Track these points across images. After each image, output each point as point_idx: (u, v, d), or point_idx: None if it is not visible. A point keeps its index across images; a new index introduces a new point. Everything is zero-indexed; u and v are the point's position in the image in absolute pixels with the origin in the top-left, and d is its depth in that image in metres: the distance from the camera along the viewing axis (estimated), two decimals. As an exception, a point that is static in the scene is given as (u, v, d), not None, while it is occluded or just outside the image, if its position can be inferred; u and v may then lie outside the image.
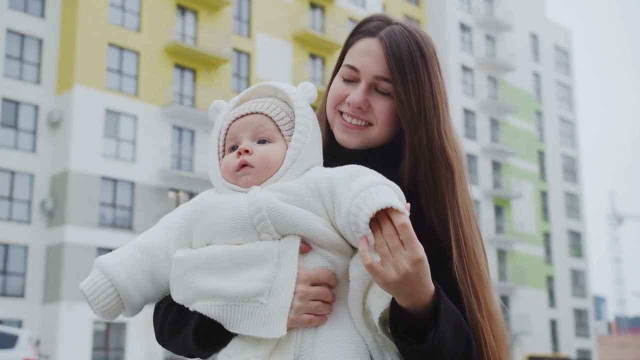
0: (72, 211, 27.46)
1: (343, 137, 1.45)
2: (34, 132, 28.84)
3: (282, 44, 36.85)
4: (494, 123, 48.64)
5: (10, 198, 27.83)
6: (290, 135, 1.35)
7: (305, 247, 1.26)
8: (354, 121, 1.44)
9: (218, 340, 1.26)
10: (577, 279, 53.45)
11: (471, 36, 48.46)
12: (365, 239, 1.16)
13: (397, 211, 1.14)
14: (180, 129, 31.78)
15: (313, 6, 38.94)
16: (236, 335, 1.24)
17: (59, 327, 25.93)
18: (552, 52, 55.42)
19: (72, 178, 27.70)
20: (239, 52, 35.20)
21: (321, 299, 1.25)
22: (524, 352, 44.65)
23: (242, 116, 1.36)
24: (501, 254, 46.48)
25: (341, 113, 1.46)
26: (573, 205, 54.61)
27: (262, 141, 1.34)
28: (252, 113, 1.36)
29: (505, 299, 45.92)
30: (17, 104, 28.59)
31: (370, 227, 1.15)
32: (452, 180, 1.41)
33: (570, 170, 55.33)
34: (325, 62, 38.85)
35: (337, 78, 1.48)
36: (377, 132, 1.44)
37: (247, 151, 1.31)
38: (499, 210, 47.10)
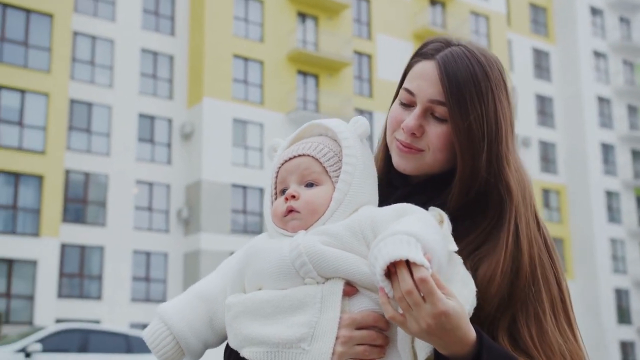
0: (206, 219, 28.64)
1: (399, 161, 1.41)
2: (169, 145, 30.34)
3: (403, 43, 36.60)
4: (632, 110, 45.93)
5: (150, 208, 29.43)
6: (338, 176, 1.32)
7: (351, 289, 1.23)
8: (407, 145, 1.40)
9: None
10: None
11: (603, 20, 46.05)
12: (384, 290, 1.13)
13: (415, 264, 1.09)
14: (305, 134, 32.30)
15: (433, 2, 38.44)
16: None
17: (198, 330, 27.05)
18: (695, 30, 51.66)
19: (204, 187, 28.88)
20: (359, 54, 35.32)
21: (367, 343, 1.21)
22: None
23: (290, 159, 1.35)
24: (646, 248, 43.78)
25: (397, 139, 1.41)
26: None
27: (310, 184, 1.33)
28: (299, 155, 1.35)
29: (653, 296, 43.21)
30: (152, 118, 30.20)
31: (391, 277, 1.11)
32: (511, 208, 1.35)
33: None
34: (448, 58, 38.16)
35: (396, 102, 1.43)
36: (431, 158, 1.38)
37: (293, 196, 1.31)
38: (641, 201, 44.42)
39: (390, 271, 1.10)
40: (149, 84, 30.49)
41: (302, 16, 33.54)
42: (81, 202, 28.15)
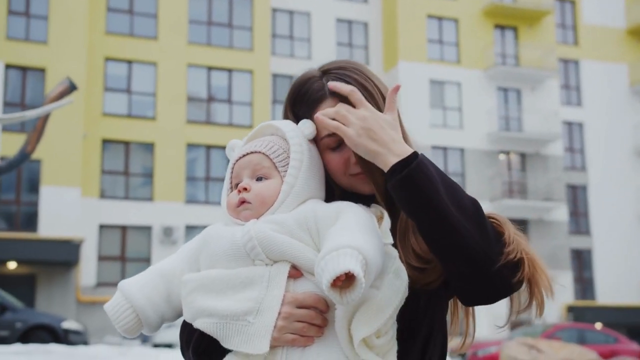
0: (408, 182, 28.76)
1: (368, 187, 1.51)
2: (368, 111, 30.82)
3: (610, -17, 33.87)
4: None
5: (353, 174, 30.19)
6: (286, 171, 1.47)
7: (296, 272, 1.37)
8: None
9: (217, 355, 1.40)
10: None
11: None
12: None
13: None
14: (505, 90, 31.22)
15: None
16: (230, 351, 1.37)
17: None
18: None
19: (405, 150, 29.02)
20: (561, 0, 33.23)
21: (307, 321, 1.34)
22: None
23: (243, 155, 1.51)
24: None
25: (355, 174, 1.52)
26: None
27: (260, 178, 1.47)
28: (251, 152, 1.50)
29: None
30: (350, 86, 30.80)
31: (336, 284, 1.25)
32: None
33: None
34: (664, -6, 34.71)
35: (325, 153, 1.53)
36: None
37: (245, 189, 1.45)
38: None
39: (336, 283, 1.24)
40: (345, 53, 31.07)
41: (497, -33, 32.21)
42: (288, 172, 29.56)
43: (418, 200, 1.34)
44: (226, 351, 1.38)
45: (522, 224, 1.48)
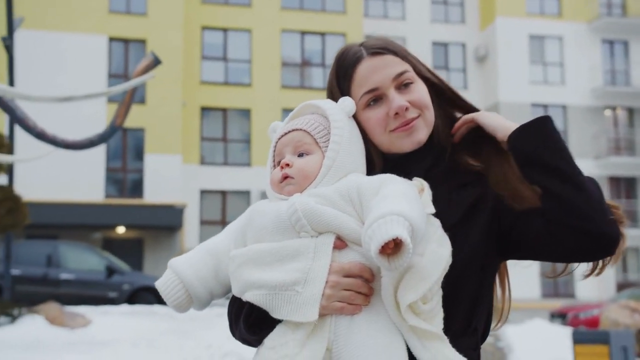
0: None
1: (409, 141, 1.57)
2: (464, 70, 30.12)
3: None
4: None
5: (450, 135, 29.70)
6: (327, 147, 1.52)
7: (341, 243, 1.41)
8: (408, 121, 1.57)
9: (267, 326, 1.43)
10: None
11: None
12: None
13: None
14: (611, 43, 29.70)
15: None
16: (280, 321, 1.40)
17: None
18: None
19: (502, 108, 28.23)
20: (673, -57, 31.08)
21: (354, 290, 1.38)
22: None
23: (285, 134, 1.56)
24: None
25: (394, 129, 1.57)
26: None
27: (302, 154, 1.53)
28: (293, 130, 1.55)
29: None
30: (445, 45, 30.15)
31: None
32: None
33: None
34: None
35: (364, 111, 1.58)
36: (429, 115, 1.59)
37: (287, 165, 1.51)
38: None
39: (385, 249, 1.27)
40: (440, 11, 30.39)
41: None
42: (384, 134, 29.40)
43: (547, 141, 1.46)
44: (276, 322, 1.41)
45: (630, 182, 1.43)
